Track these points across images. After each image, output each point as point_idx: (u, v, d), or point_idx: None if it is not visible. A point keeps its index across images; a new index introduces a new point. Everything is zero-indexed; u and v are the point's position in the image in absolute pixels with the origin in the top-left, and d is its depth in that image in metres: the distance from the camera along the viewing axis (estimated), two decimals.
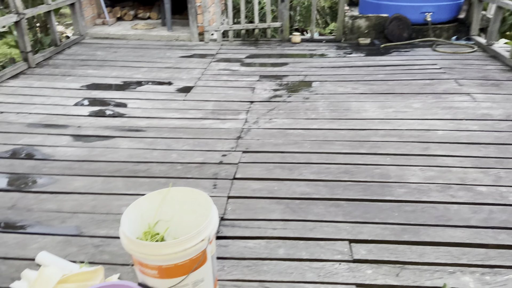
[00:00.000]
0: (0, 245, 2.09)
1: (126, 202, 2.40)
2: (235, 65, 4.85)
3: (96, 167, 2.79)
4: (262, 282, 1.84)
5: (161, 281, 1.55)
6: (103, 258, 2.01)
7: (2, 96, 3.92)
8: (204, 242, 1.54)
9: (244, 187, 2.54)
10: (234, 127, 3.32)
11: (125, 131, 3.28)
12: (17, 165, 2.82)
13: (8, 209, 2.37)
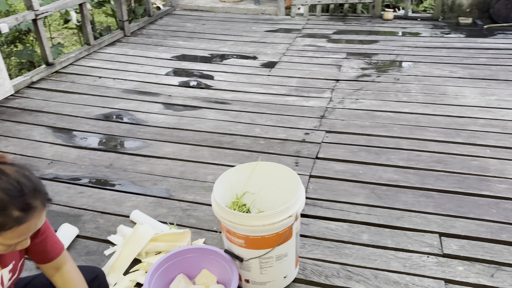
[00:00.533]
0: (99, 200, 2.28)
1: (212, 171, 2.50)
2: (321, 41, 4.72)
3: (185, 135, 2.91)
4: (343, 265, 1.81)
5: (247, 250, 1.59)
6: (190, 222, 2.11)
7: (101, 62, 4.22)
8: (291, 218, 1.54)
9: (326, 167, 2.49)
10: (318, 105, 3.26)
11: (211, 102, 3.37)
12: (114, 127, 3.03)
13: (106, 168, 2.57)
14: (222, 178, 1.71)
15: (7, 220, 1.05)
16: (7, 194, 1.04)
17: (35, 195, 1.09)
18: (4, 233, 1.06)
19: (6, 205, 1.04)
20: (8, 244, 1.10)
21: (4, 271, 1.27)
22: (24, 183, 1.08)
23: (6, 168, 1.08)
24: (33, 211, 1.09)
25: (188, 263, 1.72)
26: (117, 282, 1.75)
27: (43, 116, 3.19)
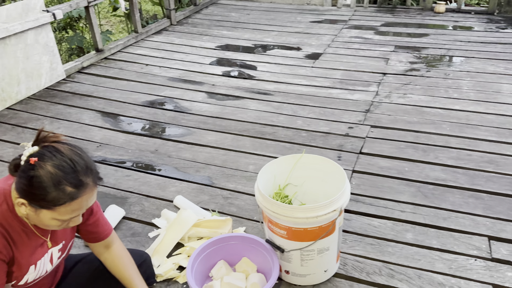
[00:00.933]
0: (144, 184, 2.35)
1: (253, 161, 2.51)
2: (368, 33, 4.60)
3: (227, 125, 2.94)
4: (386, 263, 1.78)
5: (289, 242, 1.59)
6: (231, 210, 2.13)
7: (148, 50, 4.32)
8: (335, 213, 1.52)
9: (370, 163, 2.44)
10: (363, 99, 3.18)
11: (254, 93, 3.38)
12: (159, 114, 3.11)
13: (151, 153, 2.64)
14: (266, 168, 1.72)
15: (61, 195, 1.10)
16: (61, 170, 1.10)
17: (87, 173, 1.14)
18: (58, 208, 1.12)
19: (60, 180, 1.09)
20: (62, 219, 1.16)
21: (54, 249, 1.33)
22: (77, 161, 1.13)
23: (60, 146, 1.13)
24: (85, 188, 1.14)
25: (229, 250, 1.75)
26: (160, 264, 1.80)
27: (93, 100, 3.31)
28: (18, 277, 1.23)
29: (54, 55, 3.56)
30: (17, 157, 1.14)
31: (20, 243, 1.20)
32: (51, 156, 1.10)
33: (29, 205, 1.12)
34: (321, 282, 1.70)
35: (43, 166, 1.08)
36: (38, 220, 1.16)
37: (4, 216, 1.16)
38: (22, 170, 1.10)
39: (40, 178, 1.08)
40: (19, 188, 1.11)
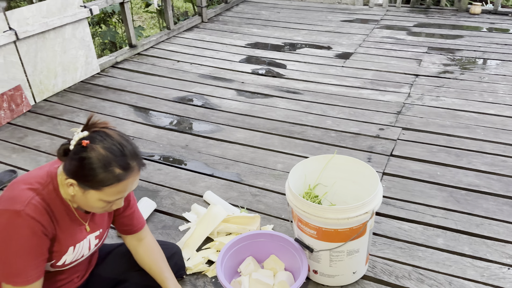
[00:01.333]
0: (175, 178, 2.40)
1: (282, 160, 2.53)
2: (400, 33, 4.52)
3: (256, 122, 2.96)
4: (416, 268, 1.76)
5: (318, 242, 1.59)
6: (259, 207, 2.15)
7: (179, 47, 4.39)
8: (367, 215, 1.52)
9: (402, 166, 2.41)
10: (394, 100, 3.14)
11: (283, 91, 3.38)
12: (190, 110, 3.16)
13: (182, 148, 2.69)
14: (297, 167, 1.73)
15: (109, 176, 1.16)
16: (111, 153, 1.16)
17: (134, 157, 1.20)
18: (105, 189, 1.18)
19: (110, 162, 1.16)
20: (107, 201, 1.22)
21: (92, 236, 1.39)
22: (125, 145, 1.20)
23: (109, 131, 1.20)
24: (131, 171, 1.20)
25: (258, 247, 1.77)
26: (190, 257, 1.84)
27: (126, 95, 3.39)
28: (57, 257, 1.29)
29: (89, 50, 3.66)
30: (66, 142, 1.21)
31: (62, 223, 1.27)
32: (101, 140, 1.17)
33: (78, 186, 1.19)
34: (349, 283, 1.70)
35: (95, 148, 1.15)
36: (85, 201, 1.22)
37: (50, 195, 1.23)
38: (74, 152, 1.17)
39: (91, 159, 1.14)
40: (69, 169, 1.18)
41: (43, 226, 1.20)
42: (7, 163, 2.56)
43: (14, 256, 1.18)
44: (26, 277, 1.19)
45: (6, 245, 1.17)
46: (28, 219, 1.16)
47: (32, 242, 1.18)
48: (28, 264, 1.19)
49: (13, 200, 1.18)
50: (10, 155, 2.64)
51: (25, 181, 1.23)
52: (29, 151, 2.69)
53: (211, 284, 1.72)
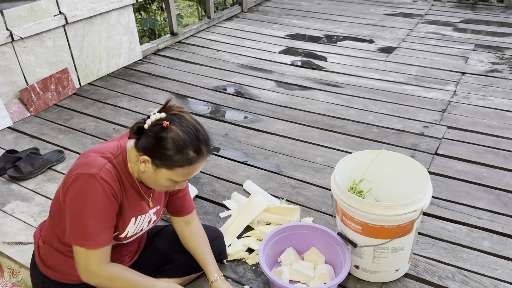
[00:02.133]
0: (215, 166, 2.43)
1: (321, 153, 2.51)
2: (446, 29, 4.38)
3: (295, 115, 2.94)
4: (460, 269, 1.72)
5: (363, 237, 1.58)
6: (298, 199, 2.15)
7: (219, 36, 4.41)
8: (415, 213, 1.49)
9: (446, 165, 2.35)
10: (439, 98, 3.06)
11: (323, 84, 3.35)
12: (229, 100, 3.18)
13: (222, 137, 2.72)
14: (343, 161, 1.71)
15: (184, 158, 1.22)
16: (188, 136, 1.22)
17: (205, 143, 1.27)
18: (177, 169, 1.24)
19: (186, 144, 1.21)
20: (174, 180, 1.28)
21: (151, 212, 1.44)
22: (200, 130, 1.26)
23: (186, 115, 1.26)
24: (202, 156, 1.26)
25: (299, 239, 1.78)
26: (231, 244, 1.87)
27: (167, 82, 3.45)
28: (121, 227, 1.35)
29: (133, 36, 3.74)
30: (140, 120, 1.28)
31: (129, 192, 1.33)
32: (180, 122, 1.23)
33: (151, 163, 1.24)
34: (391, 280, 1.68)
35: (174, 130, 1.21)
36: (154, 179, 1.27)
37: (120, 165, 1.30)
38: (153, 131, 1.22)
39: (170, 140, 1.20)
40: (145, 146, 1.24)
41: (114, 190, 1.26)
42: (54, 143, 2.66)
43: (88, 219, 1.24)
44: (98, 241, 1.25)
45: (81, 208, 1.23)
46: (102, 182, 1.23)
47: (105, 205, 1.25)
48: (101, 227, 1.25)
49: (87, 165, 1.24)
50: (57, 136, 2.74)
51: (97, 150, 1.30)
52: (75, 132, 2.78)
53: (251, 272, 1.75)
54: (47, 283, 1.42)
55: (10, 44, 2.83)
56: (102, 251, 1.27)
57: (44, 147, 2.61)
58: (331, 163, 2.40)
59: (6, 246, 1.91)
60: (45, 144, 2.65)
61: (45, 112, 3.01)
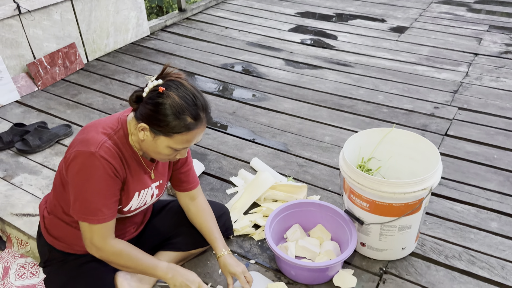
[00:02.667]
0: (222, 143, 2.42)
1: (330, 133, 2.49)
2: (460, 9, 4.27)
3: (304, 94, 2.91)
4: (467, 249, 1.71)
5: (370, 215, 1.57)
6: (305, 178, 2.14)
7: (228, 13, 4.34)
8: (424, 191, 1.48)
9: (456, 146, 2.32)
10: (451, 79, 3.00)
11: (333, 63, 3.30)
12: (237, 78, 3.14)
13: (230, 115, 2.70)
14: (352, 138, 1.69)
15: (181, 124, 1.20)
16: (185, 101, 1.19)
17: (204, 109, 1.24)
18: (175, 136, 1.22)
19: (183, 110, 1.19)
20: (174, 148, 1.26)
21: (154, 185, 1.43)
22: (198, 96, 1.23)
23: (184, 81, 1.23)
24: (201, 122, 1.23)
25: (305, 216, 1.77)
26: (237, 219, 1.87)
27: (175, 59, 3.42)
28: (124, 201, 1.35)
29: (141, 12, 3.69)
30: (139, 89, 1.25)
31: (132, 167, 1.33)
32: (176, 88, 1.20)
33: (150, 131, 1.23)
34: (397, 259, 1.68)
35: (170, 95, 1.18)
36: (154, 147, 1.26)
37: (121, 140, 1.29)
38: (149, 97, 1.20)
39: (166, 105, 1.18)
40: (143, 113, 1.22)
41: (115, 168, 1.25)
42: (62, 118, 2.66)
43: (91, 195, 1.24)
44: (101, 216, 1.26)
45: (84, 184, 1.23)
46: (102, 160, 1.22)
47: (107, 182, 1.24)
48: (104, 203, 1.26)
49: (87, 143, 1.23)
50: (65, 111, 2.74)
51: (97, 125, 1.29)
52: (83, 107, 2.78)
53: (257, 247, 1.75)
54: (53, 253, 1.44)
55: (17, 16, 2.80)
56: (106, 226, 1.28)
57: (52, 121, 2.61)
58: (339, 143, 2.38)
59: (14, 217, 1.93)
60: (52, 118, 2.66)
61: (53, 87, 3.00)
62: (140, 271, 1.37)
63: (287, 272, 1.62)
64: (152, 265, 1.35)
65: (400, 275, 1.61)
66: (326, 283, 1.59)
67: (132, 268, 1.35)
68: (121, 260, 1.32)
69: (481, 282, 1.58)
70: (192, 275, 1.39)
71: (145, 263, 1.34)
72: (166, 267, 1.36)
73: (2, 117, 2.67)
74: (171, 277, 1.35)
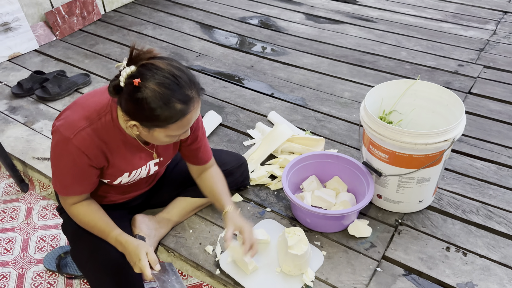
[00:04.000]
0: (240, 97, 2.40)
1: (349, 88, 2.44)
2: None
3: (324, 49, 2.84)
4: (485, 204, 1.70)
5: (389, 166, 1.56)
6: (323, 132, 2.13)
7: None
8: (446, 143, 1.45)
9: (480, 104, 2.26)
10: (477, 36, 2.88)
11: (355, 18, 3.19)
12: (256, 31, 3.07)
13: (248, 69, 2.66)
14: (374, 89, 1.66)
15: (172, 113, 1.08)
16: (167, 88, 1.06)
17: (191, 86, 1.10)
18: (170, 126, 1.12)
19: (168, 98, 1.06)
20: (172, 135, 1.17)
21: (152, 163, 1.37)
22: (179, 75, 1.08)
23: (158, 63, 1.08)
24: (192, 102, 1.11)
25: (322, 167, 1.77)
26: (254, 170, 1.88)
27: (192, 11, 3.35)
28: (111, 179, 1.32)
29: None
30: (114, 78, 1.11)
31: (117, 152, 1.25)
32: (152, 75, 1.05)
33: (142, 126, 1.13)
34: (413, 211, 1.68)
35: (148, 86, 1.05)
36: (152, 138, 1.18)
37: (105, 127, 1.20)
38: (127, 93, 1.07)
39: (149, 99, 1.05)
40: (128, 111, 1.11)
41: (89, 158, 1.19)
42: (80, 67, 2.67)
43: (61, 174, 1.24)
44: (73, 191, 1.26)
45: (55, 162, 1.23)
46: (75, 149, 1.17)
47: (75, 169, 1.21)
48: (74, 182, 1.24)
49: (68, 125, 1.18)
50: (83, 60, 2.74)
51: (86, 106, 1.21)
52: (101, 58, 2.77)
53: (273, 196, 1.77)
54: None
55: None
56: (74, 197, 1.28)
57: (70, 71, 2.62)
58: (359, 98, 2.34)
59: (36, 161, 1.98)
60: (71, 67, 2.66)
61: (71, 37, 2.99)
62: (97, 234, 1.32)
63: (302, 220, 1.64)
64: (105, 230, 1.30)
65: (415, 227, 1.62)
66: (341, 232, 1.61)
67: (91, 230, 1.32)
68: (80, 222, 1.31)
69: (498, 236, 1.58)
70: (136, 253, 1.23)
71: (99, 227, 1.30)
72: (114, 240, 1.28)
73: (22, 65, 2.68)
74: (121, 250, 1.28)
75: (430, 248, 1.54)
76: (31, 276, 1.61)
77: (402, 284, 1.42)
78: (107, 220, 1.31)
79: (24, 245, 1.73)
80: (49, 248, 1.71)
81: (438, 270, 1.46)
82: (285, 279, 1.44)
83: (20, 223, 1.82)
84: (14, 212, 1.87)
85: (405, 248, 1.54)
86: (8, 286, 1.57)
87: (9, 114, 2.27)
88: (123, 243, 1.26)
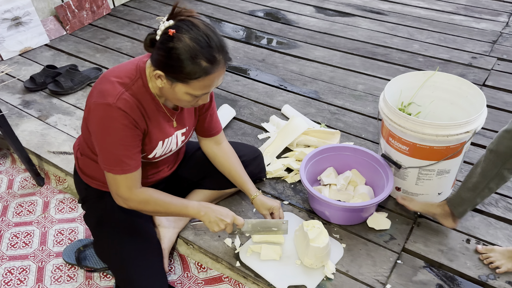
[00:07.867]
0: (253, 90, 2.40)
1: (363, 81, 2.43)
2: None
3: (336, 41, 2.83)
4: (504, 197, 1.69)
5: (409, 158, 1.55)
6: (338, 125, 2.12)
7: None
8: (467, 135, 1.44)
9: (495, 97, 2.25)
10: (490, 29, 2.86)
11: (366, 11, 3.17)
12: (266, 25, 3.06)
13: (259, 62, 2.65)
14: (394, 81, 1.65)
15: (196, 69, 1.11)
16: (198, 44, 1.09)
17: (220, 50, 1.14)
18: (192, 82, 1.14)
19: (197, 54, 1.10)
20: (194, 95, 1.18)
21: (179, 132, 1.40)
22: (212, 37, 1.12)
23: (196, 21, 1.13)
24: (218, 64, 1.14)
25: (340, 160, 1.76)
26: (270, 163, 1.88)
27: (202, 5, 3.33)
28: (148, 150, 1.33)
29: None
30: (152, 31, 1.16)
31: (152, 117, 1.28)
32: (188, 29, 1.10)
33: (166, 78, 1.15)
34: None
35: (181, 38, 1.09)
36: (173, 94, 1.20)
37: (139, 90, 1.22)
38: (161, 42, 1.12)
39: (179, 50, 1.09)
40: (157, 60, 1.14)
41: (134, 120, 1.21)
42: (91, 61, 2.66)
43: (112, 147, 1.21)
44: (125, 167, 1.23)
45: (104, 136, 1.21)
46: (120, 112, 1.17)
47: (126, 133, 1.20)
48: (125, 154, 1.22)
49: (105, 94, 1.18)
50: (94, 54, 2.73)
51: (115, 74, 1.23)
52: (112, 52, 2.76)
53: (290, 189, 1.77)
54: (89, 190, 1.45)
55: None
56: (130, 177, 1.25)
57: (82, 65, 2.61)
58: (373, 91, 2.33)
59: (51, 155, 1.98)
60: (82, 62, 2.65)
61: (81, 31, 2.98)
62: (171, 214, 1.35)
63: (320, 212, 1.64)
64: (183, 205, 1.33)
65: (434, 219, 1.61)
66: (359, 225, 1.60)
67: (163, 212, 1.33)
68: (149, 206, 1.30)
69: None
70: (225, 210, 1.37)
71: (175, 205, 1.32)
72: (197, 206, 1.35)
73: (33, 59, 2.68)
74: (204, 214, 1.34)
75: (450, 240, 1.53)
76: (50, 269, 1.61)
77: (423, 276, 1.42)
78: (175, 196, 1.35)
79: (43, 238, 1.73)
80: (67, 242, 1.71)
81: (459, 262, 1.46)
82: (306, 272, 1.44)
83: (37, 216, 1.83)
84: (31, 206, 1.88)
85: (425, 240, 1.53)
86: (28, 279, 1.58)
87: (22, 108, 2.27)
88: (211, 206, 1.36)
